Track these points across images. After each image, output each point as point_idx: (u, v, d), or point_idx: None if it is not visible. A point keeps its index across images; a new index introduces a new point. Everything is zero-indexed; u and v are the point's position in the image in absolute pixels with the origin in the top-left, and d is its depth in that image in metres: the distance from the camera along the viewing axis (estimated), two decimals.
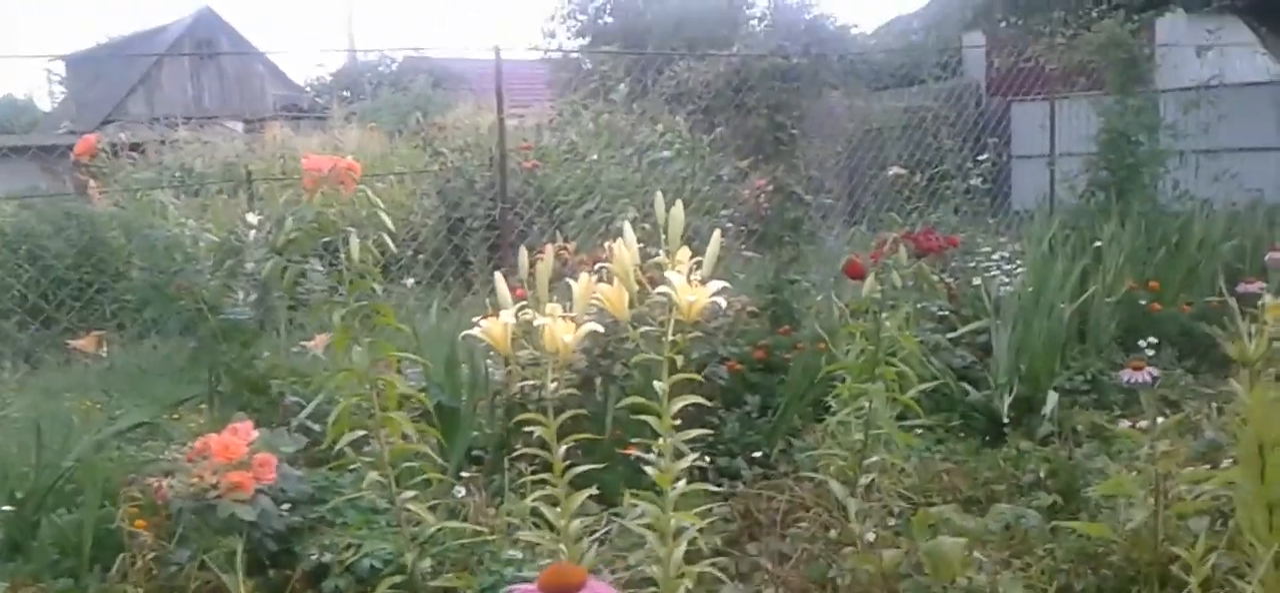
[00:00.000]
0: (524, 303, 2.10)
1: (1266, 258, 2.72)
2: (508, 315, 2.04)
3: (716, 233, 2.13)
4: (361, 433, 2.62)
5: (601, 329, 2.09)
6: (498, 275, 2.12)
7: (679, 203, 2.14)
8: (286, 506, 3.14)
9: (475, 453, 4.07)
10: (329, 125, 15.73)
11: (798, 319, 5.06)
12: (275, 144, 14.09)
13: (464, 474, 3.65)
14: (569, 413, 2.13)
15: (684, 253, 2.11)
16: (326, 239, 2.82)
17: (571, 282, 2.15)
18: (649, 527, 2.12)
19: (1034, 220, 6.36)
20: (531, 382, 2.10)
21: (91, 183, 4.11)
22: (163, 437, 3.69)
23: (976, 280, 5.50)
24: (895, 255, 3.09)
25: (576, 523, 2.09)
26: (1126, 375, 2.67)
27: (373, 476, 2.55)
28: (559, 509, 2.07)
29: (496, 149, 6.91)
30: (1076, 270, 5.49)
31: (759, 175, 6.26)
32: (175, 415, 3.80)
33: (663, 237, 2.12)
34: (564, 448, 2.09)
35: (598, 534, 2.68)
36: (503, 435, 4.03)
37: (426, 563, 2.60)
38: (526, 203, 8.17)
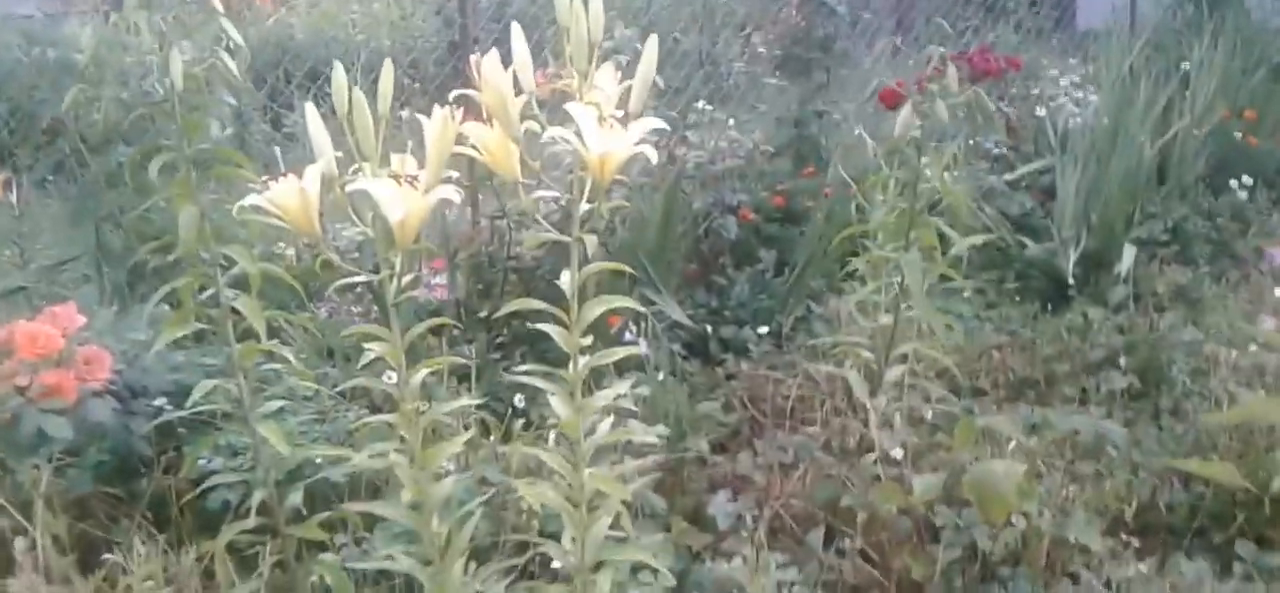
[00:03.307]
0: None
1: None
2: (312, 178, 1.32)
3: (651, 41, 1.37)
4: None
5: (455, 196, 1.34)
6: (309, 109, 1.38)
7: None
8: (161, 399, 2.50)
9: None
10: None
11: (825, 160, 4.26)
12: None
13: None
14: (434, 321, 1.42)
15: (605, 76, 1.36)
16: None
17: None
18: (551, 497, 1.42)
19: (1108, 40, 5.42)
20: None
21: None
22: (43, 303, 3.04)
23: (1040, 111, 4.65)
24: (941, 80, 2.30)
25: (449, 483, 1.41)
26: (1275, 256, 1.90)
27: (206, 386, 1.87)
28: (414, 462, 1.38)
29: None
30: (1161, 99, 4.59)
31: None
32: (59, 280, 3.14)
33: (567, 48, 1.36)
34: (424, 374, 1.39)
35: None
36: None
37: (298, 497, 1.95)
38: (530, 22, 7.30)
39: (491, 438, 2.48)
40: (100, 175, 3.10)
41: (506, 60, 1.45)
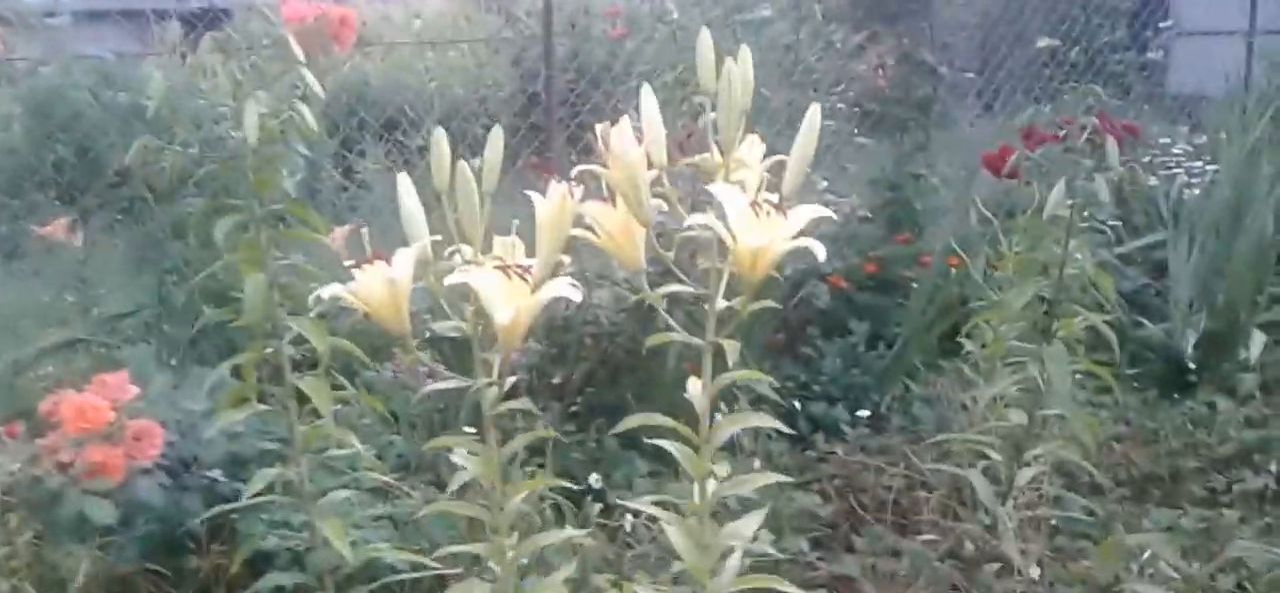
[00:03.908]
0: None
1: None
2: (403, 265, 1.12)
3: (813, 111, 1.16)
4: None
5: (574, 294, 1.13)
6: (401, 180, 1.19)
7: (744, 50, 1.17)
8: (216, 471, 2.32)
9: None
10: None
11: (922, 226, 4.01)
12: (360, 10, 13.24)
13: None
14: (532, 436, 1.21)
15: (752, 149, 1.15)
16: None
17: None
18: None
19: (1225, 109, 5.11)
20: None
21: None
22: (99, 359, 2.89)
23: (1152, 181, 4.36)
24: (1100, 153, 2.05)
25: None
26: None
27: (267, 474, 1.67)
28: None
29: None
30: None
31: (879, 44, 5.13)
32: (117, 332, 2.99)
33: (708, 114, 1.15)
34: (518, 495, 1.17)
35: None
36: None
37: None
38: (610, 77, 7.14)
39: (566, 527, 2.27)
40: (166, 225, 2.96)
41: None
